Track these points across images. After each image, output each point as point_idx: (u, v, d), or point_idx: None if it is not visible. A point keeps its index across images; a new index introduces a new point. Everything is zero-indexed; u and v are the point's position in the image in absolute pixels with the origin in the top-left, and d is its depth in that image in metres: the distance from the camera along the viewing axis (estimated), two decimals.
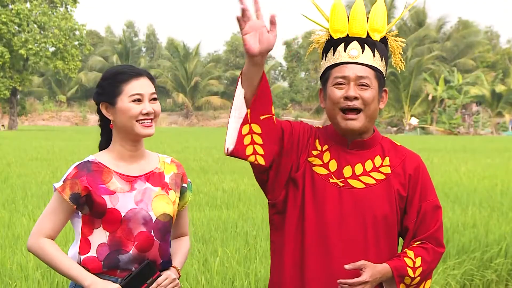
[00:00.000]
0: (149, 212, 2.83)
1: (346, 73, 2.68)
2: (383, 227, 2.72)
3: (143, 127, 2.85)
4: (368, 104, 2.68)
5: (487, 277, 7.03)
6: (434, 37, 79.84)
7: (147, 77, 2.90)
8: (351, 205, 2.70)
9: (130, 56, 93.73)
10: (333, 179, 2.72)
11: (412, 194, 2.76)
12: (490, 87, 71.29)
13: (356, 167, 2.73)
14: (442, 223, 2.83)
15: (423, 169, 2.82)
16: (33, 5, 60.93)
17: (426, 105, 70.08)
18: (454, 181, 14.54)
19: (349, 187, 2.71)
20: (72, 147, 27.51)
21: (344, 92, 2.68)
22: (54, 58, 60.87)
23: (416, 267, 2.69)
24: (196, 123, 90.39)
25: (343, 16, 2.77)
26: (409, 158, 2.81)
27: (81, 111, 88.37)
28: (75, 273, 2.77)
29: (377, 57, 2.73)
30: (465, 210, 9.91)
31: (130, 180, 2.86)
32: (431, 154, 25.99)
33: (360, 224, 2.70)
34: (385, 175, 2.74)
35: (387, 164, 2.76)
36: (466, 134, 68.60)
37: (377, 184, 2.72)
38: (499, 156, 25.05)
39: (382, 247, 2.73)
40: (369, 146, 2.78)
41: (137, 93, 2.84)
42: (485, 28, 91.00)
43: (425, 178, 2.81)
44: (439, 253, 2.78)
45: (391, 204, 2.73)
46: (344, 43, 2.72)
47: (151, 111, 2.85)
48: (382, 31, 2.78)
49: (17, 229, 8.11)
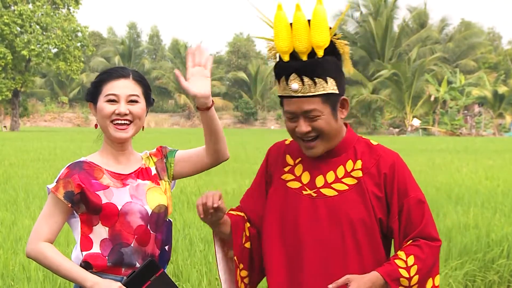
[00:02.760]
0: (144, 206, 2.86)
1: (292, 108, 2.66)
2: (362, 231, 2.67)
3: (116, 130, 2.86)
4: (323, 131, 2.66)
5: (489, 278, 7.02)
6: (436, 38, 79.77)
7: (133, 79, 2.90)
8: (325, 214, 2.67)
9: (133, 57, 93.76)
10: (306, 191, 2.72)
11: (391, 193, 2.70)
12: (492, 88, 71.21)
13: (328, 175, 2.71)
14: (430, 216, 2.74)
15: (400, 166, 2.76)
16: (36, 6, 60.99)
17: (428, 106, 70.00)
18: (456, 182, 14.54)
19: (322, 197, 2.69)
20: (74, 148, 27.52)
21: (296, 127, 2.68)
22: (56, 59, 60.91)
23: (409, 266, 2.62)
24: (198, 124, 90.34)
25: (286, 31, 2.64)
26: (383, 157, 2.75)
27: (83, 112, 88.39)
28: (76, 275, 2.77)
29: (320, 82, 2.63)
30: (467, 211, 9.91)
31: (121, 178, 2.89)
32: (433, 155, 25.97)
33: (337, 232, 2.66)
34: (357, 179, 2.70)
35: (359, 167, 2.72)
36: (468, 135, 68.52)
37: (350, 189, 2.69)
38: (500, 157, 25.02)
39: (365, 252, 2.68)
40: (340, 152, 2.74)
41: (112, 93, 2.85)
42: (487, 29, 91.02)
43: (402, 174, 2.74)
44: (434, 247, 2.70)
45: (367, 207, 2.67)
46: (284, 76, 2.66)
47: (124, 112, 2.85)
48: (324, 45, 2.64)
49: (19, 230, 8.12)
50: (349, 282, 2.55)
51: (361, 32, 75.50)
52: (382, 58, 73.92)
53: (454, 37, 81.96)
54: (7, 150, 25.91)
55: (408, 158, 23.44)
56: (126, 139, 2.89)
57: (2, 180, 14.28)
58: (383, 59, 73.72)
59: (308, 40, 2.62)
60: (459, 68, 75.20)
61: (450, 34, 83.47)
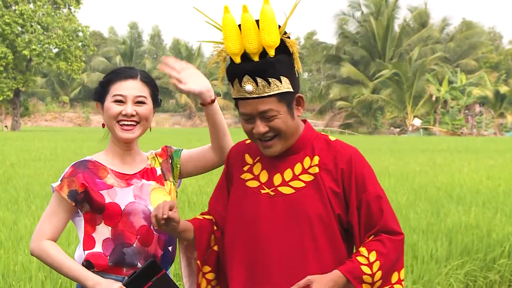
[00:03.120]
0: (148, 206, 2.86)
1: (248, 110, 2.65)
2: (320, 228, 2.64)
3: (122, 130, 2.87)
4: (280, 130, 2.64)
5: (490, 278, 7.02)
6: (437, 38, 79.77)
7: (141, 80, 2.90)
8: (283, 213, 2.65)
9: (134, 57, 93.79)
10: (264, 190, 2.70)
11: (349, 188, 2.67)
12: (493, 88, 71.21)
13: (286, 173, 2.70)
14: (391, 211, 2.70)
15: (358, 161, 2.71)
16: (37, 6, 61.01)
17: (429, 106, 70.01)
18: (457, 182, 14.52)
19: (280, 195, 2.67)
20: (75, 148, 27.52)
21: (253, 129, 2.66)
22: (57, 59, 60.94)
23: (371, 263, 2.58)
24: (199, 124, 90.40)
25: (235, 33, 2.62)
26: (341, 153, 2.71)
27: (84, 112, 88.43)
28: (78, 274, 2.78)
29: (274, 82, 2.61)
30: (468, 210, 9.90)
31: (126, 178, 2.90)
32: (434, 155, 25.96)
33: (296, 230, 2.63)
34: (313, 175, 2.67)
35: (316, 163, 2.69)
36: (469, 135, 68.51)
37: (307, 186, 2.66)
38: (502, 157, 25.01)
39: (323, 249, 2.65)
40: (297, 150, 2.72)
41: (119, 94, 2.85)
42: (488, 29, 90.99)
43: (360, 169, 2.69)
44: (396, 240, 2.65)
45: (325, 203, 2.64)
46: (237, 78, 2.64)
47: (131, 113, 2.85)
48: (274, 44, 2.60)
49: (20, 230, 8.12)
50: (311, 283, 2.52)
51: (362, 32, 75.50)
52: (383, 57, 73.91)
53: (455, 36, 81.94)
54: (8, 150, 25.92)
55: (409, 158, 23.43)
56: (132, 139, 2.90)
57: (3, 179, 14.28)
58: (384, 58, 73.71)
59: (258, 41, 2.59)
60: (460, 67, 75.19)
61: (451, 34, 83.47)
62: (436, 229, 8.24)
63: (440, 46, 78.61)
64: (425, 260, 6.82)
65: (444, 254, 7.15)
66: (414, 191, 12.52)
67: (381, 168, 18.67)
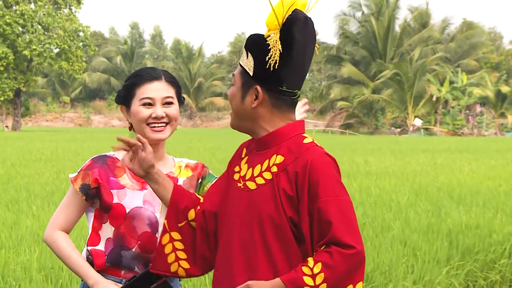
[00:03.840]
0: (155, 213, 2.85)
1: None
2: (270, 229, 2.54)
3: (153, 131, 2.86)
4: (230, 100, 2.68)
5: (491, 278, 7.02)
6: (438, 38, 79.78)
7: (166, 81, 2.90)
8: (244, 207, 2.62)
9: (135, 57, 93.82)
10: (240, 183, 2.68)
11: (301, 194, 2.54)
12: (494, 88, 71.21)
13: (256, 168, 2.65)
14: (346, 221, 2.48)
15: (315, 166, 2.55)
16: (38, 6, 61.05)
17: (430, 106, 70.01)
18: (458, 182, 14.53)
19: (246, 189, 2.64)
20: (75, 148, 27.53)
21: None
22: (58, 59, 60.98)
23: (315, 274, 2.42)
24: (200, 124, 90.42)
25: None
26: (302, 156, 2.58)
27: (85, 112, 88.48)
28: (81, 270, 2.81)
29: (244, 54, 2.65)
30: (468, 211, 9.90)
31: (142, 181, 2.88)
32: (435, 155, 25.95)
33: (248, 225, 2.59)
34: (272, 174, 2.59)
35: (277, 163, 2.61)
36: (470, 135, 68.50)
37: (265, 184, 2.60)
38: (502, 157, 25.01)
39: (275, 250, 2.54)
40: (266, 145, 2.66)
41: (147, 97, 2.85)
42: (489, 29, 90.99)
43: (315, 175, 2.53)
44: (347, 255, 2.44)
45: (277, 204, 2.55)
46: None
47: (161, 115, 2.86)
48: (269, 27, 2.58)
49: (20, 230, 8.12)
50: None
51: (363, 32, 75.52)
52: (383, 58, 73.93)
53: (456, 37, 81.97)
54: (9, 150, 25.94)
55: (409, 158, 23.42)
56: (163, 139, 2.90)
57: (4, 180, 14.29)
58: (385, 59, 73.72)
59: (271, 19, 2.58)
60: (460, 68, 75.20)
61: (451, 34, 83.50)
62: (437, 229, 8.24)
63: (441, 46, 78.62)
64: (425, 260, 6.82)
65: (445, 254, 7.15)
66: (415, 191, 12.52)
67: (381, 168, 18.67)
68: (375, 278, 6.25)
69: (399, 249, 7.15)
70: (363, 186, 13.49)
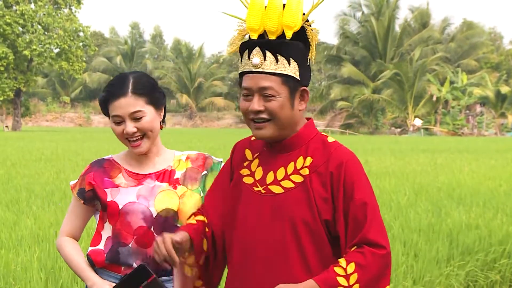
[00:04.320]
0: (149, 207, 2.85)
1: (249, 84, 2.52)
2: (305, 233, 2.50)
3: (132, 146, 2.89)
4: (276, 113, 2.51)
5: (491, 278, 7.02)
6: (438, 38, 79.78)
7: (132, 93, 2.83)
8: (269, 212, 2.53)
9: (135, 57, 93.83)
10: (257, 187, 2.60)
11: (337, 194, 2.52)
12: (494, 88, 71.21)
13: (279, 171, 2.58)
14: (377, 221, 2.51)
15: (350, 165, 2.54)
16: (38, 6, 61.03)
17: (430, 106, 70.00)
18: (458, 182, 14.53)
19: (270, 194, 2.56)
20: (75, 148, 27.53)
21: (250, 105, 2.54)
22: (58, 59, 60.99)
23: (348, 274, 2.41)
24: (200, 124, 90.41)
25: (261, 8, 2.55)
26: (334, 156, 2.56)
27: (85, 112, 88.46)
28: (82, 273, 2.87)
29: (282, 62, 2.51)
30: (468, 211, 9.90)
31: (139, 178, 2.91)
32: (435, 155, 25.95)
33: (279, 232, 2.51)
34: (303, 177, 2.54)
35: (307, 165, 2.56)
36: (470, 135, 68.50)
37: (296, 187, 2.54)
38: (502, 157, 25.01)
39: (309, 254, 2.51)
40: (292, 147, 2.60)
41: (116, 115, 2.86)
42: (489, 29, 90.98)
43: (350, 175, 2.52)
44: (379, 255, 2.46)
45: (311, 208, 2.50)
46: (248, 49, 2.54)
47: (132, 131, 2.83)
48: (294, 26, 2.52)
49: (21, 230, 8.12)
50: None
51: (363, 32, 75.53)
52: (384, 58, 73.92)
53: (456, 37, 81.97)
54: (9, 150, 25.93)
55: (410, 158, 23.42)
56: (144, 152, 2.90)
57: (4, 180, 14.28)
58: (385, 59, 73.72)
59: (279, 21, 2.52)
60: (461, 68, 75.20)
61: (452, 34, 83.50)
62: (437, 229, 8.24)
63: (441, 46, 78.62)
64: (426, 260, 6.82)
65: (445, 254, 7.15)
66: (415, 191, 12.52)
67: (381, 168, 18.66)
68: None
69: (399, 249, 7.15)
70: None
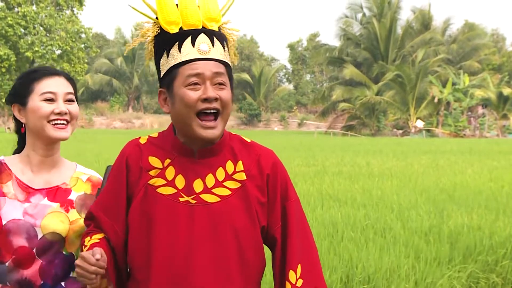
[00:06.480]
0: (35, 227, 2.59)
1: (201, 70, 2.32)
2: (246, 241, 2.37)
3: (55, 129, 2.66)
4: (227, 105, 2.36)
5: (492, 280, 7.01)
6: (440, 39, 79.75)
7: (65, 78, 2.71)
8: (206, 224, 2.34)
9: (136, 58, 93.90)
10: (183, 198, 2.36)
11: (273, 196, 2.41)
12: (496, 90, 71.16)
13: (207, 178, 2.38)
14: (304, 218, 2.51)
15: (280, 165, 2.46)
16: (40, 7, 61.11)
17: (432, 107, 69.94)
18: (460, 184, 14.51)
19: (203, 203, 2.35)
20: (77, 150, 27.52)
21: (202, 93, 2.31)
22: (60, 61, 61.06)
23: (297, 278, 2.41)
24: None
25: (173, 5, 2.38)
26: (263, 156, 2.44)
27: (87, 114, 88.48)
28: None
29: (226, 51, 2.39)
30: (470, 212, 9.89)
31: (28, 192, 2.65)
32: (437, 157, 25.93)
33: (221, 243, 2.35)
34: (241, 183, 2.39)
35: (241, 169, 2.40)
36: (472, 137, 68.43)
37: (233, 194, 2.37)
38: (504, 159, 24.98)
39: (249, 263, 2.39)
40: (218, 151, 2.41)
41: (49, 91, 2.65)
42: (491, 31, 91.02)
43: (283, 174, 2.45)
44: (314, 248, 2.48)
45: (251, 214, 2.38)
46: (191, 36, 2.34)
47: (64, 110, 2.65)
48: (219, 20, 2.40)
49: None
50: None
51: (365, 34, 75.50)
52: (385, 59, 73.89)
53: (458, 38, 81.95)
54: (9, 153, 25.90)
55: (411, 160, 23.40)
56: (66, 138, 2.70)
57: None
58: (387, 60, 73.69)
59: (197, 16, 2.37)
60: (463, 69, 75.16)
61: (453, 36, 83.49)
62: (439, 231, 8.23)
63: (443, 48, 78.56)
64: (427, 262, 6.82)
65: (447, 256, 7.14)
66: (417, 193, 12.51)
67: (383, 170, 18.65)
68: (377, 280, 6.24)
69: (401, 250, 7.14)
70: (365, 187, 13.48)
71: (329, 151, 30.41)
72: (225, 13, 2.45)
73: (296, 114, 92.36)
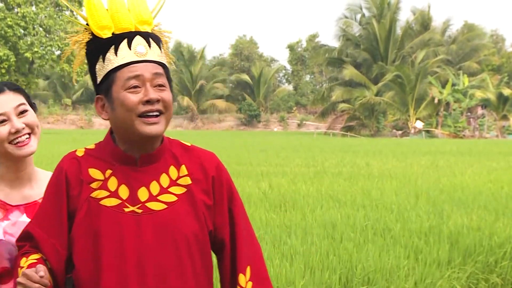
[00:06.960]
0: None
1: (140, 72, 2.27)
2: (195, 246, 2.33)
3: (19, 147, 2.54)
4: (169, 106, 2.31)
5: (491, 280, 7.01)
6: (439, 40, 79.79)
7: (11, 90, 2.57)
8: (154, 233, 2.28)
9: None
10: (128, 208, 2.29)
11: (220, 198, 2.39)
12: (495, 90, 71.20)
13: (152, 186, 2.32)
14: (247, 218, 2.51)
15: (223, 167, 2.45)
16: (39, 8, 61.11)
17: (431, 108, 69.98)
18: (459, 185, 14.51)
19: (149, 212, 2.29)
20: None
21: (143, 95, 2.26)
22: (60, 62, 61.07)
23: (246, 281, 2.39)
24: (201, 126, 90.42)
25: (104, 10, 2.33)
26: (206, 159, 2.42)
27: (86, 114, 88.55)
28: None
29: (163, 53, 2.36)
30: (470, 213, 9.89)
31: (7, 209, 2.57)
32: (436, 158, 25.93)
33: (171, 251, 2.30)
34: (186, 187, 2.35)
35: (185, 173, 2.36)
36: (472, 138, 68.45)
37: (179, 199, 2.32)
38: (504, 160, 24.98)
39: (199, 271, 2.36)
40: (159, 157, 2.35)
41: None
42: (491, 32, 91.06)
43: (227, 177, 2.44)
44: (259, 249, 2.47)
45: (199, 219, 2.34)
46: (126, 39, 2.30)
47: (21, 127, 2.52)
48: (151, 23, 2.37)
49: None
50: None
51: (365, 35, 75.55)
52: (385, 60, 73.94)
53: (457, 39, 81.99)
54: None
55: (411, 160, 23.40)
56: (32, 153, 2.59)
57: None
58: (387, 61, 73.73)
59: (130, 19, 2.33)
60: (462, 70, 75.19)
61: (453, 36, 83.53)
62: (438, 232, 8.23)
63: (443, 49, 78.61)
64: (427, 263, 6.82)
65: (446, 256, 7.15)
66: (416, 194, 12.51)
67: (383, 171, 18.66)
68: (377, 281, 6.25)
69: (400, 251, 7.14)
70: (365, 188, 13.48)
71: (328, 151, 30.42)
72: (156, 15, 2.43)
73: (295, 115, 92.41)
